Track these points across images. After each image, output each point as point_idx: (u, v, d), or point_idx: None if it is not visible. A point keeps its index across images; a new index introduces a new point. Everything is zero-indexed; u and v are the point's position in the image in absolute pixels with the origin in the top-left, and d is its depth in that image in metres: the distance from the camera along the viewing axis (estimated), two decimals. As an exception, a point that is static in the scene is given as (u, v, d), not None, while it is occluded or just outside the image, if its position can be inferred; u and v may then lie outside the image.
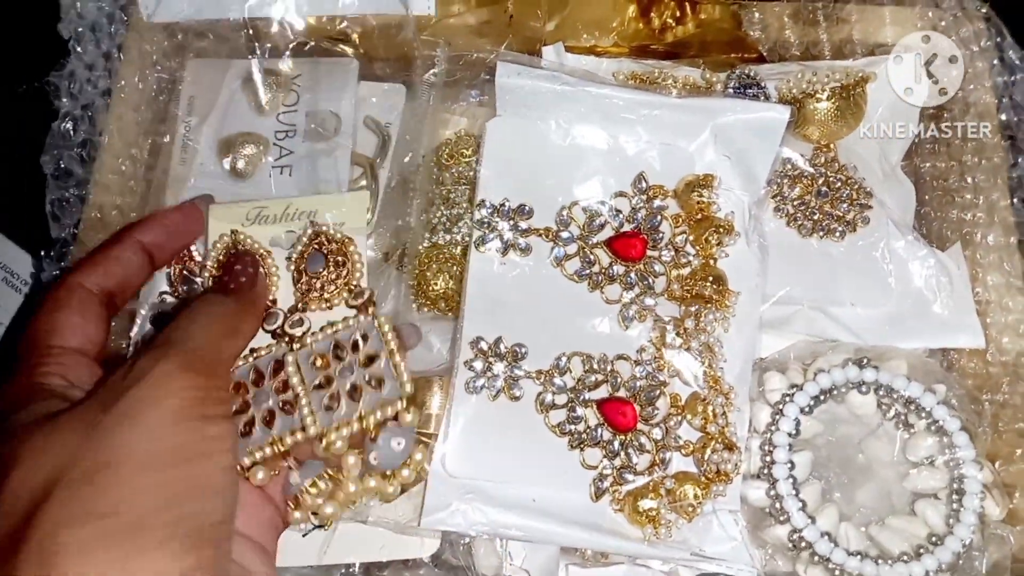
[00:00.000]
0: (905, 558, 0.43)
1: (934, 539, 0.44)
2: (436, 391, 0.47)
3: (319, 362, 0.40)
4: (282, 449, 0.38)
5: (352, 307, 0.42)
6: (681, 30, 0.60)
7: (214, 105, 0.52)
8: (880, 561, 0.43)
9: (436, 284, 0.51)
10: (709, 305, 0.47)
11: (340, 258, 0.43)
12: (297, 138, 0.53)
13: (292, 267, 0.43)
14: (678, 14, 0.59)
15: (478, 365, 0.45)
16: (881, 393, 0.47)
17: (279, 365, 0.40)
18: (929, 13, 0.52)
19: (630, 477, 0.44)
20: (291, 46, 0.53)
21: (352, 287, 0.43)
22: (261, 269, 0.42)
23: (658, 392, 0.46)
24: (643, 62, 0.59)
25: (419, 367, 0.48)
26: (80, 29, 0.51)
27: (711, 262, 0.48)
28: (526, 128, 0.50)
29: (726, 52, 0.60)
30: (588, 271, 0.48)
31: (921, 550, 0.44)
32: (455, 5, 0.56)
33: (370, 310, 0.41)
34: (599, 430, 0.45)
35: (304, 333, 0.41)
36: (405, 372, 0.39)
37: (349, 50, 0.54)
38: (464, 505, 0.43)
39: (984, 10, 0.50)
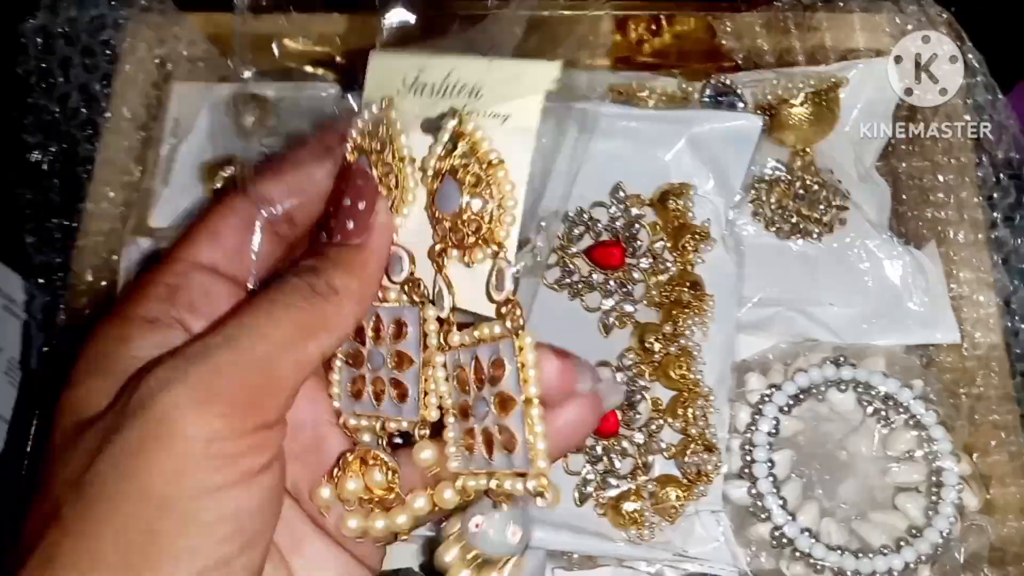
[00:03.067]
0: (885, 551, 0.44)
1: (914, 531, 0.45)
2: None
3: (457, 375, 0.28)
4: (385, 433, 0.29)
5: (493, 304, 0.27)
6: (658, 42, 0.61)
7: (197, 127, 0.53)
8: (861, 555, 0.44)
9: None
10: (687, 310, 0.48)
11: (489, 188, 0.27)
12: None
13: (428, 184, 0.28)
14: (654, 27, 0.60)
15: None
16: (860, 390, 0.48)
17: (400, 326, 0.29)
18: (896, 19, 0.53)
19: (613, 482, 0.45)
20: (275, 70, 0.54)
21: (496, 239, 0.27)
22: (385, 208, 0.28)
23: (639, 396, 0.47)
24: (622, 74, 0.60)
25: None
26: (44, 65, 0.52)
27: (688, 268, 0.49)
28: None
29: (703, 62, 0.62)
30: (568, 280, 0.49)
31: (901, 543, 0.45)
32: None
33: (511, 322, 0.26)
34: (582, 435, 0.46)
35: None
36: (540, 440, 0.25)
37: (331, 75, 0.55)
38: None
39: (946, 15, 0.51)
